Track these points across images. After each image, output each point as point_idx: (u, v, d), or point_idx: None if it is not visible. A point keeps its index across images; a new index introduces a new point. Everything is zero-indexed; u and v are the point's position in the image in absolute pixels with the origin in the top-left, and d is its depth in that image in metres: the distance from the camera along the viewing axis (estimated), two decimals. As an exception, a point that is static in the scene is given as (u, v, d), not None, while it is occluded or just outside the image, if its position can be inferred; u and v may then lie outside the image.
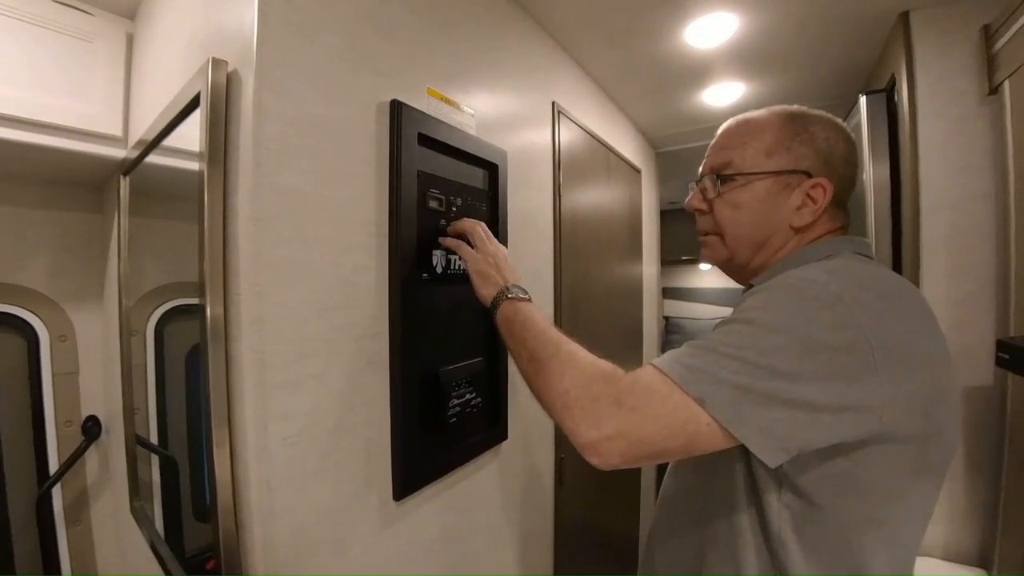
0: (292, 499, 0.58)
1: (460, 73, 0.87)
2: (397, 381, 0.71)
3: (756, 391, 0.42)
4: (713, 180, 0.59)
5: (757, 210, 0.57)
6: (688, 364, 0.45)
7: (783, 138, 0.56)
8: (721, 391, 0.43)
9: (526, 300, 0.65)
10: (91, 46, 1.01)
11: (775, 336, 0.43)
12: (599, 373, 0.50)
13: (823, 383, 0.41)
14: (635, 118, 1.84)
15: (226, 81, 0.58)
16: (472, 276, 0.70)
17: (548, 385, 0.52)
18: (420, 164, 0.75)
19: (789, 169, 0.55)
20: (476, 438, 0.88)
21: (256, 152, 0.54)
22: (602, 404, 0.46)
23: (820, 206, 0.55)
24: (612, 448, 0.45)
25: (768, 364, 0.42)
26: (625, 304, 1.78)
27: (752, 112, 0.60)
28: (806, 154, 0.55)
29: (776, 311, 0.45)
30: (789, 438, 0.42)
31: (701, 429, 0.43)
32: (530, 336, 0.58)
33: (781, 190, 0.56)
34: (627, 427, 0.45)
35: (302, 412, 0.58)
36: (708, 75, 1.48)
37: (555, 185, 1.23)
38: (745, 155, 0.57)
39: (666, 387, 0.45)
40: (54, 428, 1.19)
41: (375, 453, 0.69)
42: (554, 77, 1.24)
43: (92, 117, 0.99)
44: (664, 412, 0.44)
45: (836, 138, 0.56)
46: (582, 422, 0.47)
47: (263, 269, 0.54)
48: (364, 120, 0.66)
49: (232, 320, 0.56)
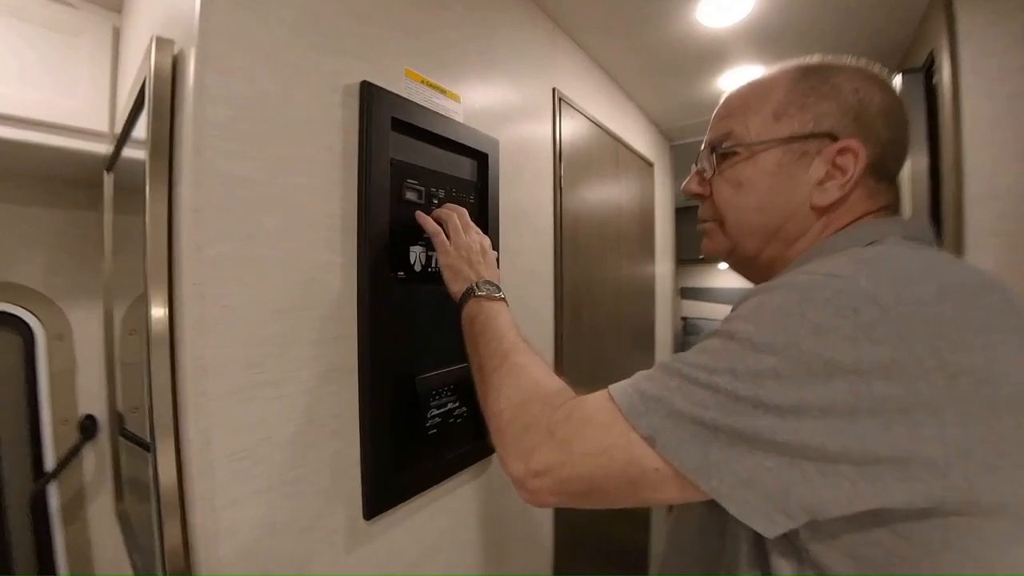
0: (240, 518, 0.52)
1: (446, 55, 0.81)
2: (367, 390, 0.65)
3: (728, 429, 0.32)
4: (711, 156, 0.48)
5: (764, 189, 0.45)
6: (643, 390, 0.36)
7: (796, 95, 0.44)
8: (678, 427, 0.33)
9: (496, 299, 0.58)
10: (76, 40, 0.99)
11: (761, 355, 0.32)
12: (539, 394, 0.42)
13: (840, 420, 0.29)
14: (647, 108, 1.74)
15: (172, 63, 0.53)
16: (442, 270, 0.65)
17: (487, 402, 0.46)
18: (395, 152, 0.69)
19: (805, 133, 0.43)
20: (461, 450, 0.82)
21: (197, 138, 0.49)
22: (534, 433, 0.39)
23: (851, 177, 0.42)
24: (539, 486, 0.38)
25: (751, 394, 0.31)
26: (635, 305, 1.69)
27: (761, 72, 0.49)
28: (828, 111, 0.43)
29: (767, 320, 0.33)
30: (787, 497, 0.31)
31: (648, 476, 0.34)
32: (482, 341, 0.51)
33: (796, 161, 0.44)
34: (556, 463, 0.37)
35: (252, 424, 0.53)
36: (724, 58, 1.37)
37: (556, 178, 1.16)
38: (748, 122, 0.46)
39: (608, 416, 0.36)
40: (50, 426, 1.19)
41: (342, 468, 0.63)
42: (555, 62, 1.16)
43: (78, 112, 0.97)
44: (597, 449, 0.36)
45: (869, 88, 0.43)
46: (511, 451, 0.40)
47: (204, 266, 0.49)
48: (328, 103, 0.61)
49: (176, 323, 0.51)
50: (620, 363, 1.54)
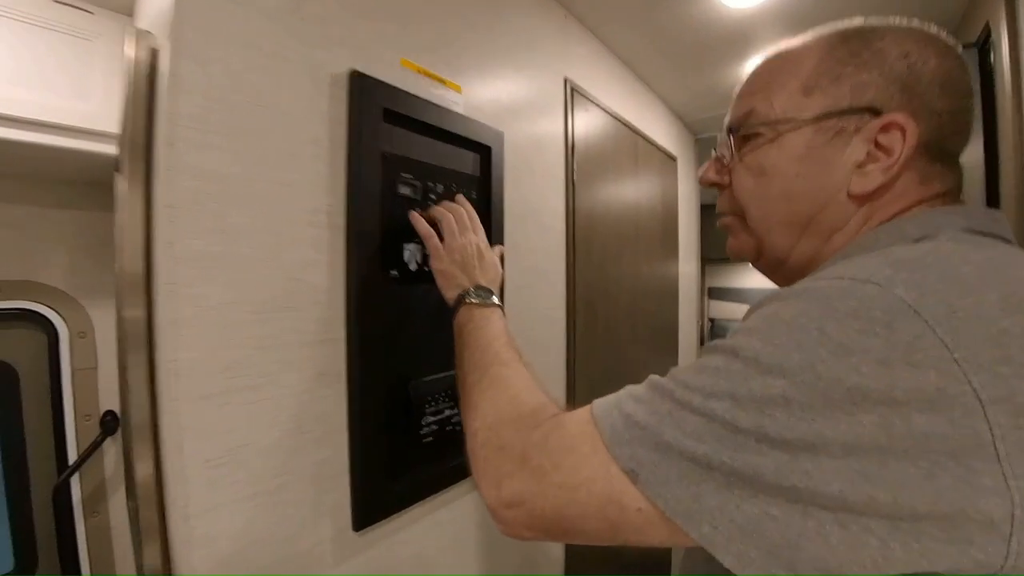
0: (216, 527, 0.50)
1: (446, 43, 0.78)
2: (357, 395, 0.62)
3: (724, 468, 0.26)
4: (729, 140, 0.42)
5: (792, 175, 0.38)
6: (628, 414, 0.31)
7: (830, 64, 0.37)
8: (665, 462, 0.28)
9: (491, 306, 0.55)
10: (91, 44, 1.01)
11: (768, 379, 0.27)
12: (515, 413, 0.38)
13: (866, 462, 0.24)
14: (668, 99, 1.66)
15: (151, 54, 0.52)
16: (435, 275, 0.61)
17: (464, 419, 0.42)
18: (388, 144, 0.66)
19: (841, 108, 0.36)
20: (459, 460, 0.77)
21: (170, 130, 0.47)
22: (506, 457, 0.35)
23: (897, 159, 0.35)
24: (513, 518, 0.34)
25: (754, 425, 0.26)
26: (656, 305, 1.61)
27: (788, 40, 0.42)
28: (869, 81, 0.36)
29: (778, 335, 0.28)
30: (795, 552, 0.25)
31: (628, 516, 0.29)
32: (467, 353, 0.48)
33: (830, 141, 0.37)
34: (529, 494, 0.33)
35: (230, 429, 0.51)
36: (751, 42, 1.28)
37: (568, 173, 1.10)
38: (773, 99, 0.39)
39: (588, 445, 0.31)
40: (73, 421, 1.23)
41: (329, 476, 0.60)
42: (567, 50, 1.11)
43: (92, 115, 0.99)
44: (575, 482, 0.31)
45: (922, 51, 0.35)
46: (483, 475, 0.36)
47: (177, 264, 0.47)
48: (313, 94, 0.58)
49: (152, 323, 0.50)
50: (639, 366, 1.47)
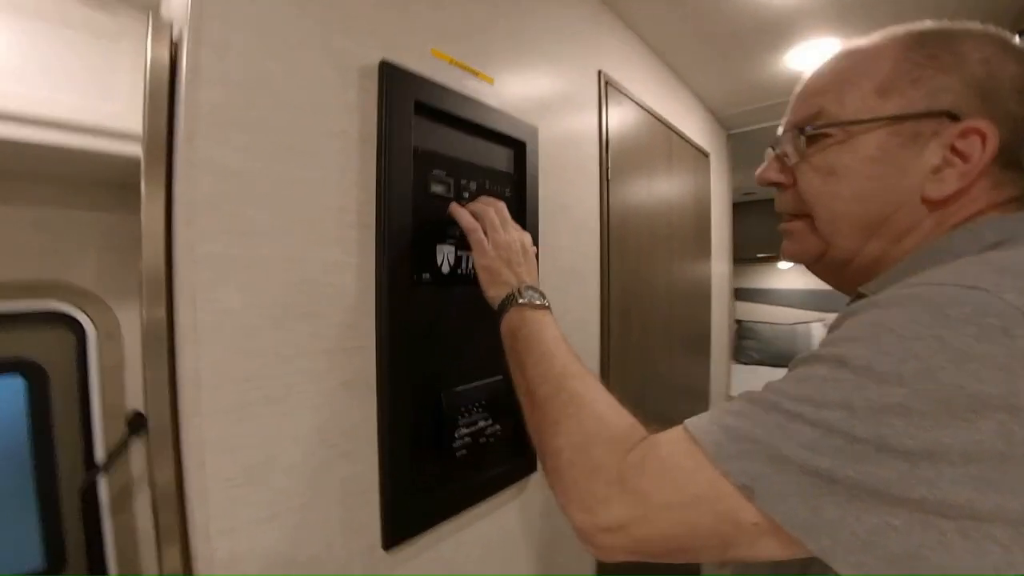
0: (238, 548, 0.47)
1: (478, 33, 0.73)
2: (387, 405, 0.58)
3: (847, 480, 0.26)
4: (796, 139, 0.41)
5: (865, 176, 0.38)
6: (731, 427, 0.30)
7: (908, 67, 0.37)
8: (782, 475, 0.27)
9: (540, 307, 0.51)
10: (117, 45, 1.00)
11: (886, 387, 0.26)
12: (606, 432, 0.36)
13: (987, 469, 0.24)
14: (702, 93, 1.59)
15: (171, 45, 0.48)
16: (478, 272, 0.57)
17: (540, 436, 0.40)
18: (420, 139, 0.62)
19: (919, 112, 0.36)
20: (494, 472, 0.74)
21: (188, 125, 0.43)
22: (600, 480, 0.33)
23: (975, 165, 0.35)
24: (611, 543, 0.33)
25: (874, 435, 0.26)
26: (689, 307, 1.54)
27: (859, 40, 0.41)
28: (948, 85, 0.36)
29: (889, 342, 0.27)
30: (915, 562, 0.25)
31: (743, 531, 0.29)
32: (530, 361, 0.45)
33: (905, 144, 0.37)
34: (630, 518, 0.31)
35: (250, 445, 0.47)
36: (793, 31, 1.20)
37: (602, 170, 1.05)
38: (845, 99, 0.39)
39: (691, 461, 0.30)
40: (101, 421, 1.23)
41: (356, 493, 0.57)
42: (600, 42, 1.05)
43: (118, 115, 0.98)
44: (682, 501, 0.30)
45: (1002, 58, 0.36)
46: (573, 499, 0.35)
47: (196, 268, 0.44)
48: (339, 85, 0.54)
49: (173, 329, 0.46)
50: (673, 372, 1.41)
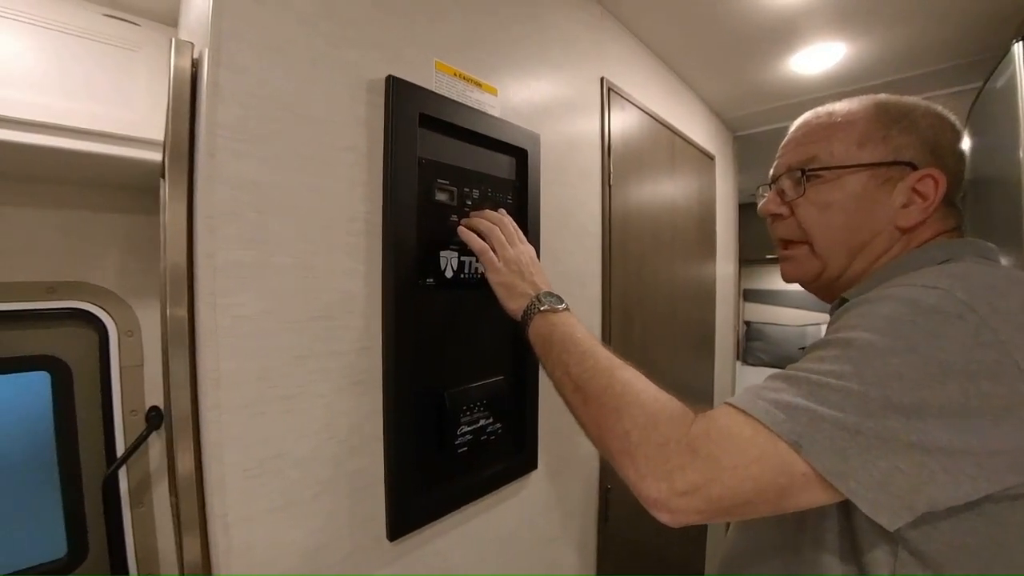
0: (254, 537, 0.50)
1: (480, 45, 0.76)
2: (391, 404, 0.61)
3: (866, 432, 0.34)
4: (795, 178, 0.51)
5: (852, 210, 0.49)
6: (775, 400, 0.37)
7: (878, 126, 0.49)
8: (821, 432, 0.35)
9: (562, 311, 0.55)
10: (136, 55, 1.04)
11: (887, 358, 0.35)
12: (665, 412, 0.41)
13: (956, 419, 0.33)
14: (706, 96, 1.60)
15: (192, 64, 0.52)
16: (494, 289, 0.61)
17: (601, 424, 0.44)
18: (424, 150, 0.65)
19: (889, 160, 0.48)
20: (495, 468, 0.77)
21: (209, 140, 0.46)
22: (672, 451, 0.38)
23: (932, 202, 0.47)
24: (687, 506, 0.37)
25: (881, 396, 0.34)
26: (693, 309, 1.55)
27: (832, 104, 0.53)
28: (908, 143, 0.48)
29: (883, 326, 0.36)
30: (914, 493, 0.33)
31: (795, 481, 0.35)
32: (573, 360, 0.49)
33: (880, 186, 0.48)
34: (704, 480, 0.37)
35: (266, 439, 0.51)
36: (797, 35, 1.21)
37: (604, 175, 1.07)
38: (833, 148, 0.50)
39: (749, 429, 0.37)
40: (121, 416, 1.28)
41: (363, 486, 0.60)
42: (603, 48, 1.07)
43: (137, 123, 1.02)
44: (747, 461, 0.36)
45: (942, 126, 0.49)
46: (648, 473, 0.39)
47: (217, 275, 0.47)
48: (349, 100, 0.57)
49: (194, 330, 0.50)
50: (676, 373, 1.43)
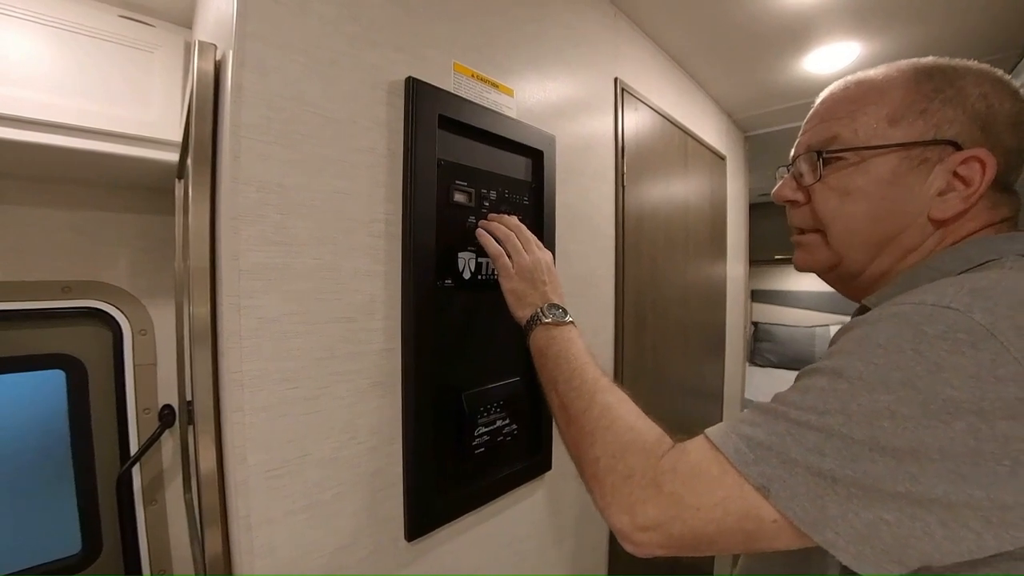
0: (275, 537, 0.50)
1: (497, 46, 0.76)
2: (411, 405, 0.61)
3: (844, 480, 0.30)
4: (812, 161, 0.45)
5: (878, 197, 0.42)
6: (748, 436, 0.34)
7: (916, 98, 0.41)
8: (794, 477, 0.31)
9: (565, 324, 0.55)
10: (152, 56, 1.04)
11: (875, 394, 0.30)
12: (638, 442, 0.39)
13: (965, 465, 0.28)
14: (718, 96, 1.59)
15: (215, 66, 0.52)
16: (505, 295, 0.61)
17: (577, 446, 0.43)
18: (443, 151, 0.65)
19: (926, 139, 0.40)
20: (512, 469, 0.77)
21: (233, 142, 0.47)
22: (636, 484, 0.37)
23: (976, 189, 0.39)
24: (648, 540, 0.36)
25: (867, 437, 0.30)
26: (704, 311, 1.55)
27: (867, 71, 0.45)
28: (952, 117, 0.40)
29: (877, 355, 0.31)
30: (904, 548, 0.29)
31: (764, 527, 0.32)
32: (561, 378, 0.48)
33: (914, 169, 0.41)
34: (665, 518, 0.35)
35: (287, 440, 0.51)
36: (810, 34, 1.20)
37: (618, 176, 1.07)
38: (858, 125, 0.42)
39: (717, 467, 0.34)
40: (134, 414, 1.29)
41: (382, 487, 0.60)
42: (617, 50, 1.07)
43: (152, 124, 1.03)
44: (711, 503, 0.33)
45: (999, 95, 0.40)
46: (612, 503, 0.38)
47: (241, 277, 0.47)
48: (370, 102, 0.57)
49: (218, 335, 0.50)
50: (687, 374, 1.42)
